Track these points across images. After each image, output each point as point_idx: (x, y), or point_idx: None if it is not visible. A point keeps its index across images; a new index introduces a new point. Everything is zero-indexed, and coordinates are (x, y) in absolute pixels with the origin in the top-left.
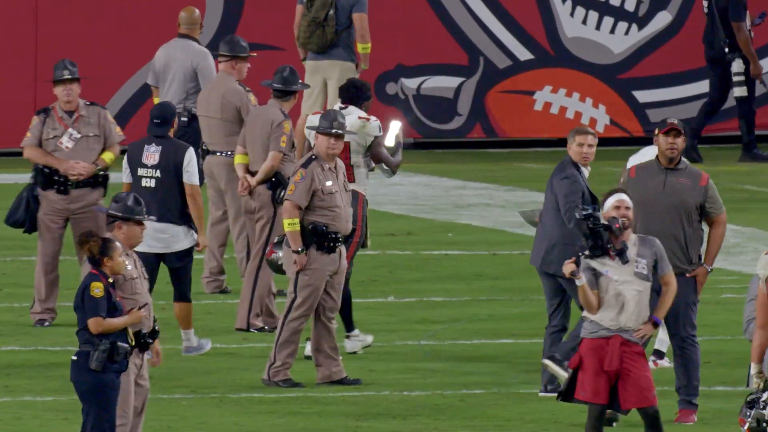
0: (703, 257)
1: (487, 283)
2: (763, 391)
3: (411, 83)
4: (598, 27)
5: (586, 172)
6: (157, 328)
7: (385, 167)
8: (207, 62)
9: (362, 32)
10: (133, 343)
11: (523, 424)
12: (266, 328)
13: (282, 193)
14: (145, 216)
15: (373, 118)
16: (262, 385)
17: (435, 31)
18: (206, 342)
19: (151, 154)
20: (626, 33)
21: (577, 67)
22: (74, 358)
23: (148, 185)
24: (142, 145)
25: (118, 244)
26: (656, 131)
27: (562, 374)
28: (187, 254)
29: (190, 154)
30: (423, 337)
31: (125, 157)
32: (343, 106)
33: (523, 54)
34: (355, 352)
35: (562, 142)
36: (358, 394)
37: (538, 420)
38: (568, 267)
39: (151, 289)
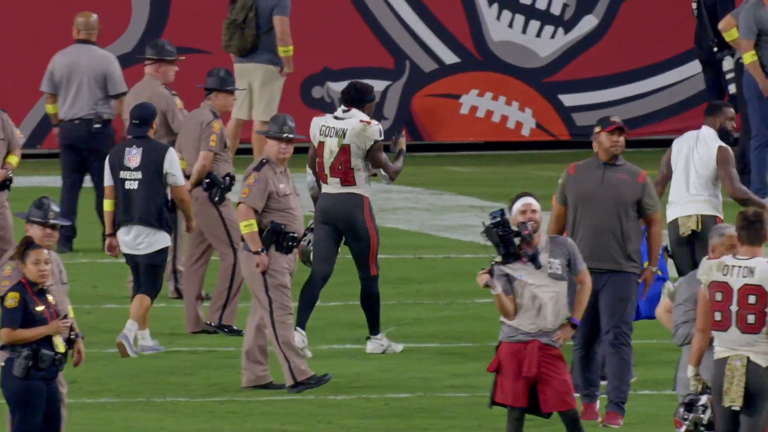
0: (634, 258)
1: (413, 286)
2: (701, 393)
3: (337, 87)
4: (524, 31)
5: None
6: (74, 335)
7: (383, 173)
8: (115, 67)
9: (283, 35)
10: (62, 350)
11: (448, 428)
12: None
13: (218, 193)
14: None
15: (374, 122)
16: (187, 389)
17: (361, 35)
18: (159, 346)
19: (133, 156)
20: (552, 36)
21: (504, 70)
22: (2, 364)
23: (131, 187)
24: (123, 148)
25: (42, 251)
26: (597, 129)
27: None
28: (161, 254)
29: (172, 156)
30: (349, 340)
31: (107, 160)
32: (346, 108)
33: (450, 58)
34: (383, 351)
35: (489, 146)
36: (283, 398)
37: (462, 426)
38: (482, 278)
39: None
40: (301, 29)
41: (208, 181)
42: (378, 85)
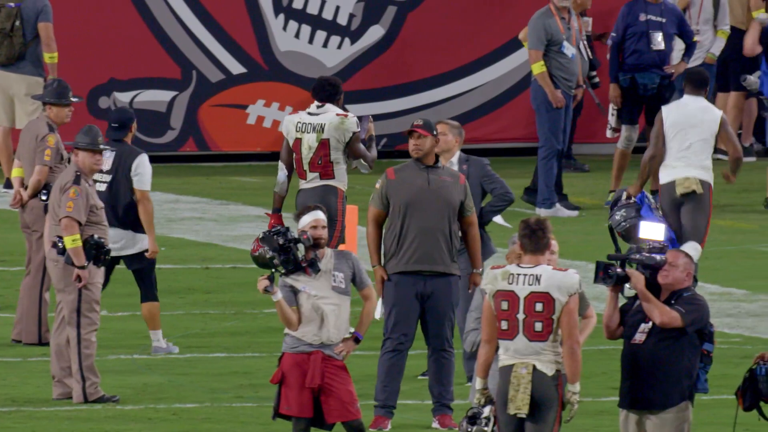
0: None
1: (200, 296)
2: (484, 405)
3: (124, 97)
4: (311, 41)
5: None
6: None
7: (363, 162)
8: None
9: (47, 41)
10: None
11: None
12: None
13: None
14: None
15: (350, 114)
16: None
17: (148, 45)
18: (174, 346)
19: (106, 159)
20: (339, 47)
21: (291, 80)
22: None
23: (100, 190)
24: None
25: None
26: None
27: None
28: (142, 256)
29: (140, 159)
30: (137, 350)
31: None
32: (320, 104)
33: (236, 68)
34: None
35: (276, 156)
36: (72, 408)
37: None
38: (261, 283)
39: (104, 287)
40: (87, 39)
41: (45, 192)
42: (165, 96)
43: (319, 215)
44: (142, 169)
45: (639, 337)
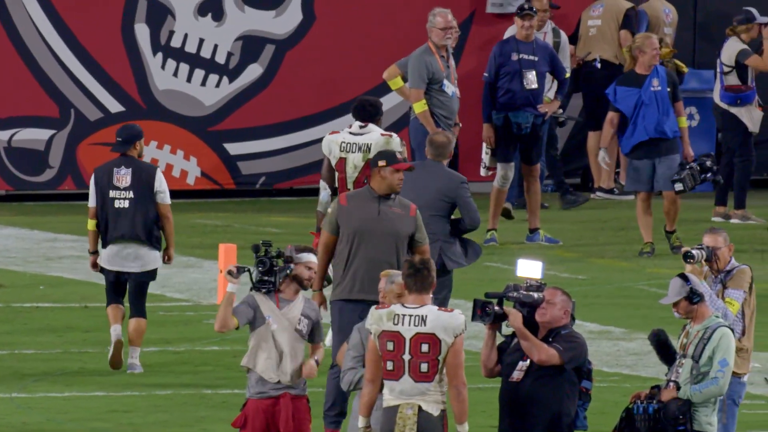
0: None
1: (79, 335)
2: None
3: (2, 135)
4: (189, 79)
5: None
6: None
7: None
8: None
9: None
10: None
11: None
12: None
13: None
14: None
15: (394, 134)
16: None
17: (25, 83)
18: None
19: (122, 176)
20: (217, 85)
21: (169, 119)
22: None
23: (121, 206)
24: (110, 168)
25: None
26: (382, 163)
27: None
28: (152, 274)
29: (160, 176)
30: (15, 389)
31: (92, 180)
32: (363, 124)
33: (115, 106)
34: None
35: None
36: None
37: None
38: (230, 266)
39: (122, 298)
40: None
41: None
42: (43, 134)
43: (315, 261)
44: (165, 185)
45: (517, 375)
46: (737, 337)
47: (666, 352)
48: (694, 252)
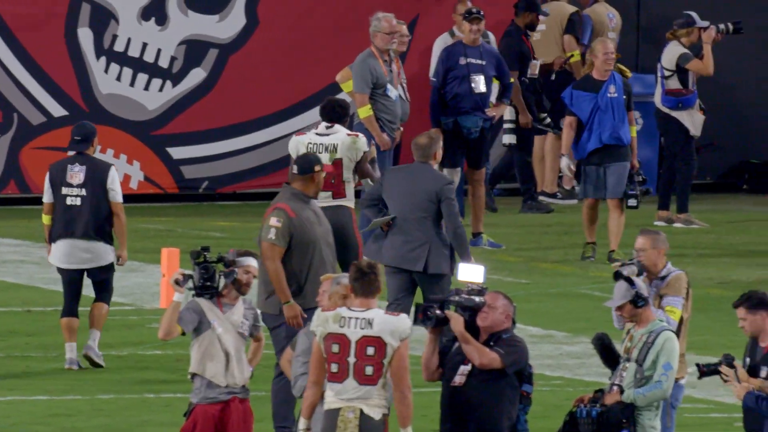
0: None
1: (21, 339)
2: None
3: None
4: (132, 83)
5: None
6: None
7: (369, 182)
8: None
9: None
10: None
11: None
12: None
13: None
14: None
15: (360, 134)
16: None
17: None
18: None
19: (76, 173)
20: (160, 90)
21: (112, 123)
22: None
23: (73, 203)
24: (64, 165)
25: None
26: (317, 168)
27: None
28: (111, 268)
29: (114, 173)
30: None
31: (47, 176)
32: (329, 125)
33: (57, 110)
34: None
35: None
36: None
37: None
38: (176, 275)
39: (77, 304)
40: None
41: None
42: None
43: (255, 266)
44: (117, 182)
45: (459, 379)
46: None
47: (609, 356)
48: (624, 272)
